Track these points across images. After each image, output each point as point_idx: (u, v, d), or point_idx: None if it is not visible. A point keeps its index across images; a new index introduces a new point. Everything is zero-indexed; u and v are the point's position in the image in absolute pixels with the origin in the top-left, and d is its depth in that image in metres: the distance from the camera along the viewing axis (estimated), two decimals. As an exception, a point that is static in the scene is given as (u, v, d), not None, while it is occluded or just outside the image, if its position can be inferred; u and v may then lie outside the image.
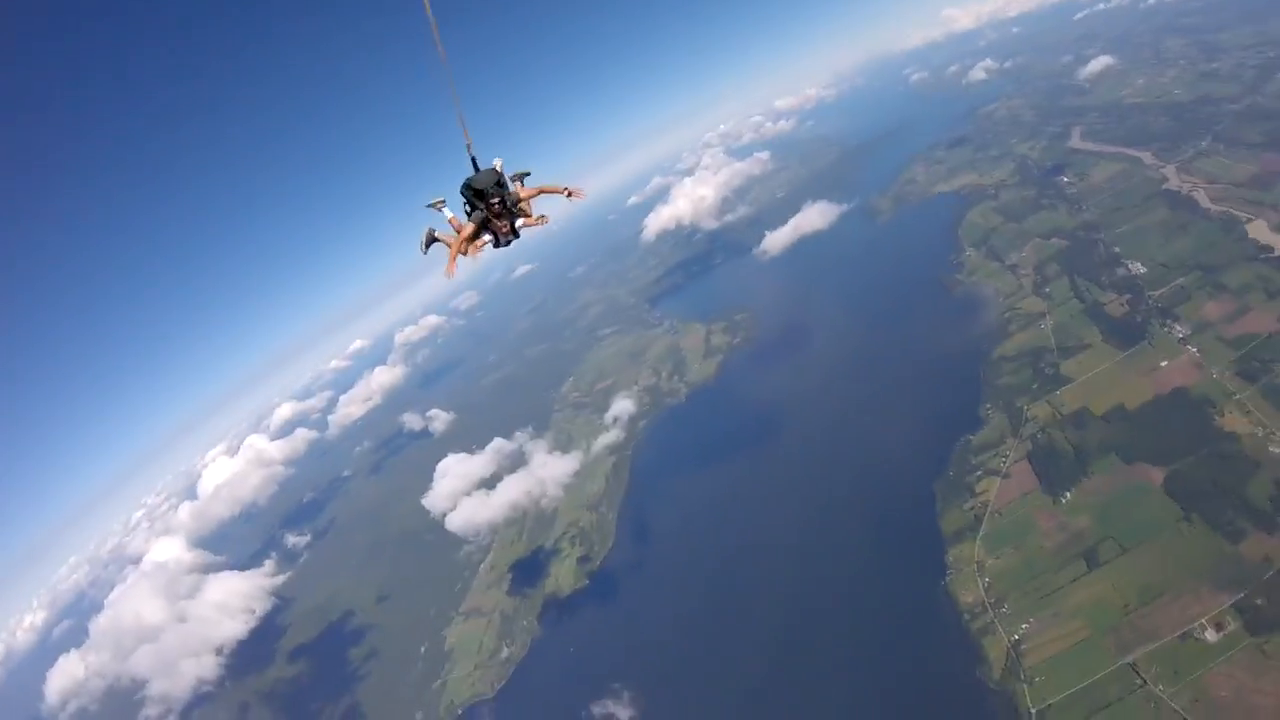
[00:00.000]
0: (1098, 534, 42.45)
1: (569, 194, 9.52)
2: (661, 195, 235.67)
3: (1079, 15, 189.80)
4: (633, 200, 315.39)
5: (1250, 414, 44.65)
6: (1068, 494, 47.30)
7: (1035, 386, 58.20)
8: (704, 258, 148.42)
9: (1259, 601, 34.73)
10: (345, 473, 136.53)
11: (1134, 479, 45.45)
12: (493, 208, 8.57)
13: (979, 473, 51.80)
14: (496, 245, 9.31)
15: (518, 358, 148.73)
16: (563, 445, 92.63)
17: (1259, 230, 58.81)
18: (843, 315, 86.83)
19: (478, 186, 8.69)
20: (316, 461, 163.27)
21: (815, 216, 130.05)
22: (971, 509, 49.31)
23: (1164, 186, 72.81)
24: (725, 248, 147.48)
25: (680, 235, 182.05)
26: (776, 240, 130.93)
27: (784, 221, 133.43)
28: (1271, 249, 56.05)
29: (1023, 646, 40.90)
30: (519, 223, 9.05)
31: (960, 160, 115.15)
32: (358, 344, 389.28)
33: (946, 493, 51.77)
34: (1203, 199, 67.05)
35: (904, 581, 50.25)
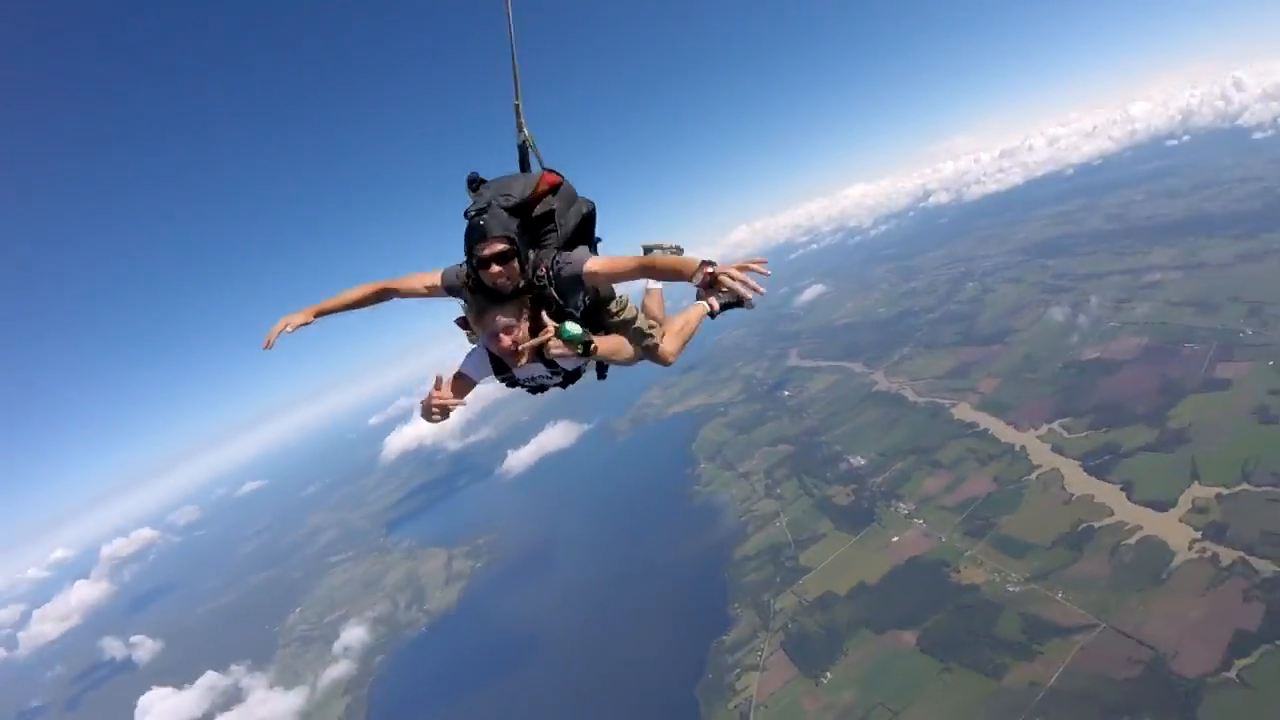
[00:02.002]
0: (866, 704, 40.78)
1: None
2: (405, 416, 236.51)
3: (793, 255, 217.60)
4: (374, 420, 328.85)
5: (983, 565, 47.91)
6: (828, 674, 46.60)
7: (778, 580, 59.55)
8: (446, 480, 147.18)
9: (1038, 721, 34.71)
10: (35, 702, 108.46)
11: (889, 646, 45.87)
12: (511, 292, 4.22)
13: (738, 670, 49.72)
14: (534, 389, 5.12)
15: (240, 584, 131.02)
16: (286, 681, 77.37)
17: (963, 411, 68.51)
18: (588, 532, 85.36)
19: (483, 226, 4.10)
20: (2, 687, 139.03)
21: (558, 436, 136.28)
22: (736, 707, 46.01)
23: (874, 389, 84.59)
24: (468, 469, 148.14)
25: (422, 456, 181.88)
26: (519, 460, 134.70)
27: (526, 441, 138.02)
28: (976, 424, 65.14)
29: None
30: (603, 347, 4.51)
31: (692, 383, 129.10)
32: (59, 553, 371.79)
33: (709, 696, 47.95)
34: (910, 394, 78.20)
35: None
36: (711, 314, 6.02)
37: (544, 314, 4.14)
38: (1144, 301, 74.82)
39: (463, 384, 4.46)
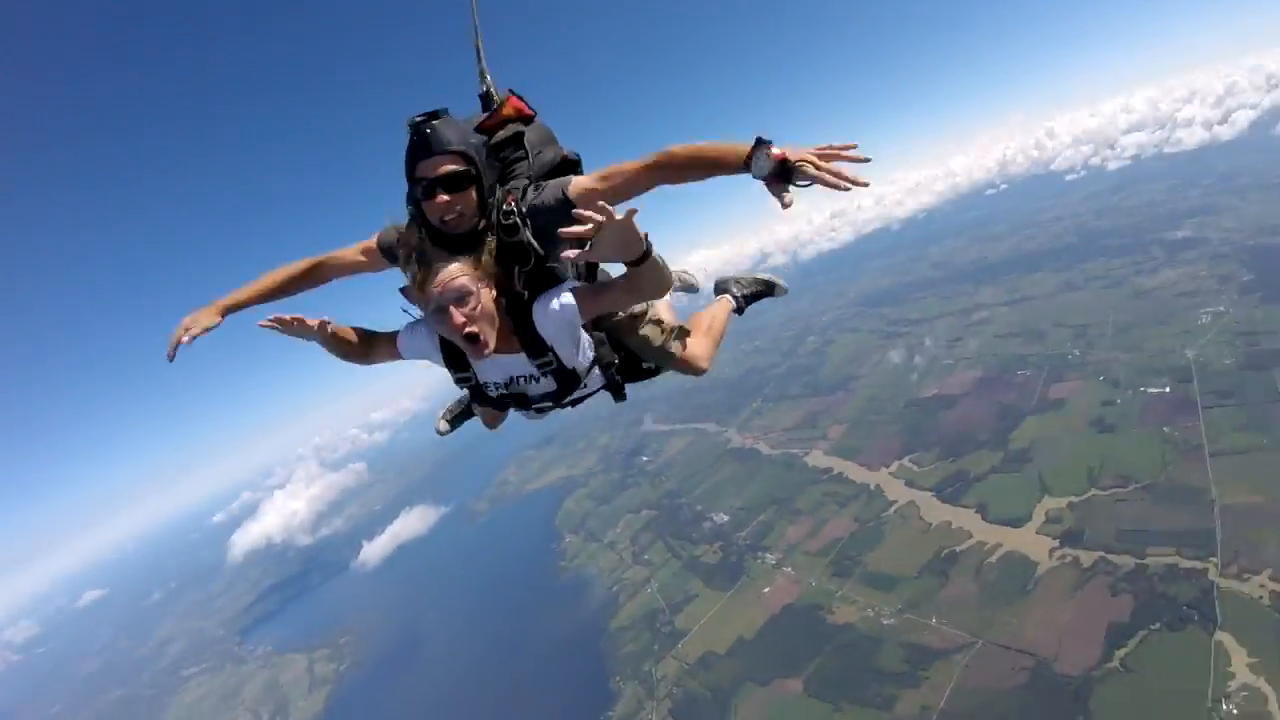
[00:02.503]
0: (763, 759, 37.18)
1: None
2: (250, 511, 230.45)
3: None
4: (218, 518, 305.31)
5: (856, 602, 47.93)
6: (720, 735, 41.90)
7: (657, 647, 57.24)
8: (299, 578, 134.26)
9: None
10: None
11: (776, 696, 44.51)
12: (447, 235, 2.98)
13: (605, 747, 45.67)
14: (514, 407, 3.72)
15: (88, 707, 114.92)
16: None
17: (816, 458, 69.76)
18: (455, 620, 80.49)
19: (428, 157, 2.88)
20: None
21: (414, 522, 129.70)
22: (634, 783, 42.13)
23: (729, 446, 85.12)
24: (322, 565, 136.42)
25: (272, 554, 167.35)
26: (375, 550, 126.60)
27: (381, 531, 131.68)
28: (830, 469, 66.33)
29: None
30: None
31: (550, 457, 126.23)
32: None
33: (604, 776, 44.28)
34: (764, 448, 79.02)
35: None
36: (739, 309, 4.86)
37: (516, 273, 3.04)
38: (975, 337, 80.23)
39: (378, 347, 3.43)
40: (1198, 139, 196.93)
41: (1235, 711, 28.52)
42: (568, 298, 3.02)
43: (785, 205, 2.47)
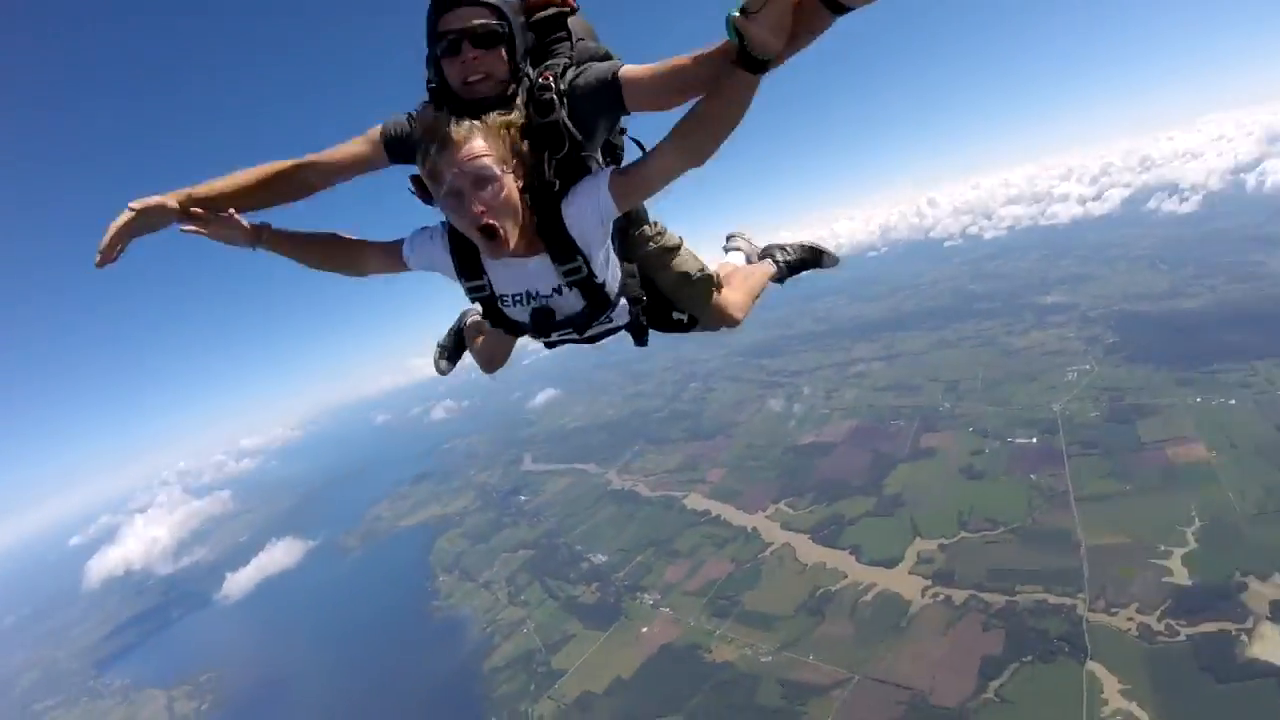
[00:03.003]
0: (642, 797, 36.46)
1: None
2: (109, 535, 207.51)
3: (526, 361, 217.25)
4: (75, 541, 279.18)
5: (734, 641, 47.99)
6: (602, 775, 41.04)
7: (534, 688, 55.40)
8: (160, 610, 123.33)
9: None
10: None
11: None
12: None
13: (507, 788, 43.91)
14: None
15: None
16: None
17: (695, 501, 70.24)
18: (323, 658, 75.53)
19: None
20: None
21: (280, 555, 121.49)
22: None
23: (609, 488, 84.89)
24: (183, 597, 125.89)
25: (131, 582, 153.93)
26: (238, 583, 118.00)
27: (246, 562, 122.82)
28: (708, 512, 66.97)
29: None
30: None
31: (425, 494, 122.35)
32: None
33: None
34: (643, 490, 79.01)
35: None
36: (779, 278, 4.56)
37: (547, 161, 2.56)
38: (851, 389, 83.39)
39: (370, 254, 2.96)
40: (1072, 213, 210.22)
41: (1111, 735, 30.32)
42: (603, 184, 2.56)
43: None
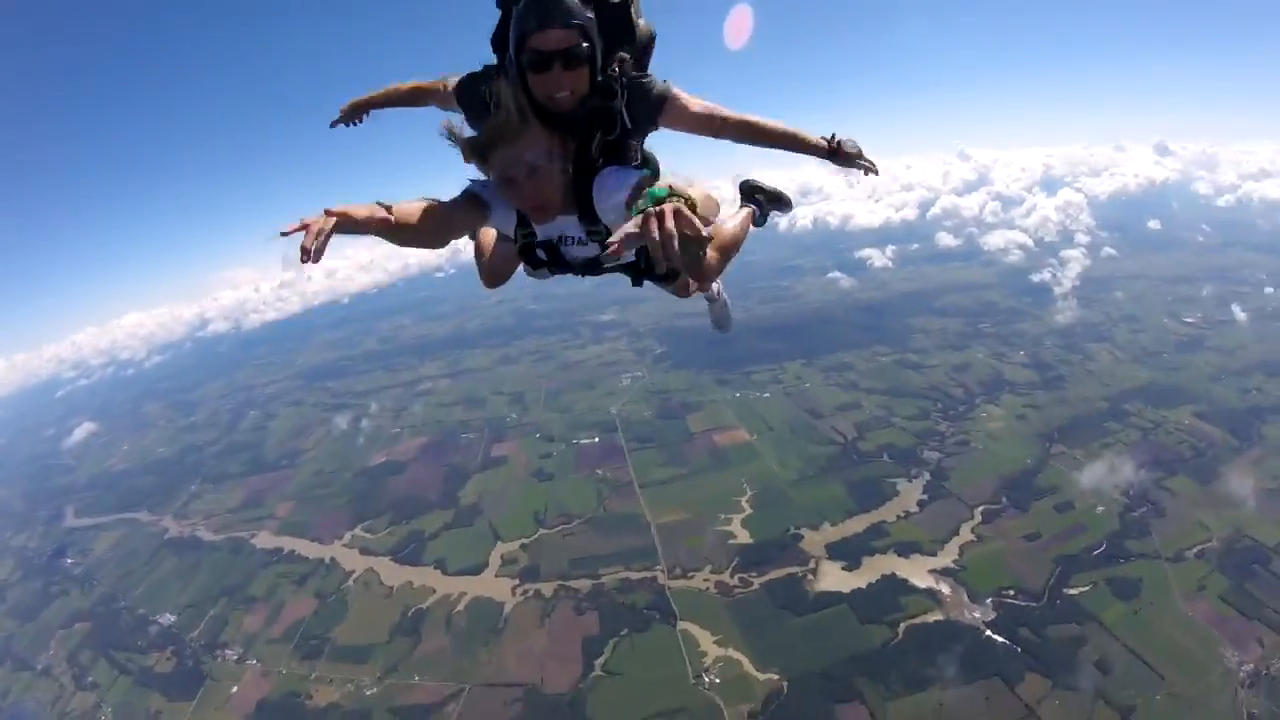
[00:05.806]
0: None
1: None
2: None
3: (59, 393, 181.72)
4: None
5: (333, 681, 44.94)
6: None
7: None
8: None
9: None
10: None
11: None
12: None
13: None
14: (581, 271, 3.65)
15: None
16: None
17: (264, 539, 64.66)
18: None
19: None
20: None
21: None
22: None
23: (167, 537, 73.26)
24: None
25: None
26: None
27: None
28: (281, 549, 61.87)
29: None
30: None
31: None
32: None
33: None
34: (206, 534, 70.21)
35: None
36: (758, 221, 4.61)
37: (597, 139, 2.96)
38: (420, 406, 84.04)
39: (454, 220, 3.00)
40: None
41: (718, 680, 35.04)
42: (627, 189, 2.81)
43: (867, 172, 3.43)
